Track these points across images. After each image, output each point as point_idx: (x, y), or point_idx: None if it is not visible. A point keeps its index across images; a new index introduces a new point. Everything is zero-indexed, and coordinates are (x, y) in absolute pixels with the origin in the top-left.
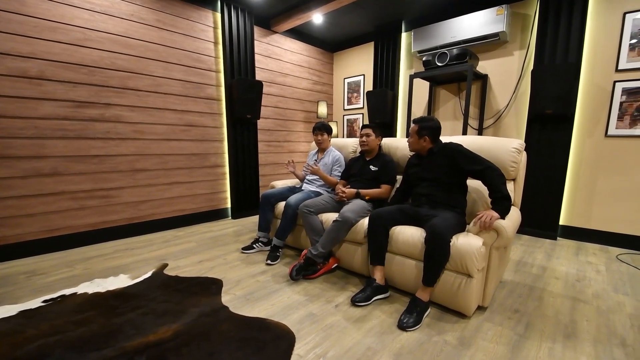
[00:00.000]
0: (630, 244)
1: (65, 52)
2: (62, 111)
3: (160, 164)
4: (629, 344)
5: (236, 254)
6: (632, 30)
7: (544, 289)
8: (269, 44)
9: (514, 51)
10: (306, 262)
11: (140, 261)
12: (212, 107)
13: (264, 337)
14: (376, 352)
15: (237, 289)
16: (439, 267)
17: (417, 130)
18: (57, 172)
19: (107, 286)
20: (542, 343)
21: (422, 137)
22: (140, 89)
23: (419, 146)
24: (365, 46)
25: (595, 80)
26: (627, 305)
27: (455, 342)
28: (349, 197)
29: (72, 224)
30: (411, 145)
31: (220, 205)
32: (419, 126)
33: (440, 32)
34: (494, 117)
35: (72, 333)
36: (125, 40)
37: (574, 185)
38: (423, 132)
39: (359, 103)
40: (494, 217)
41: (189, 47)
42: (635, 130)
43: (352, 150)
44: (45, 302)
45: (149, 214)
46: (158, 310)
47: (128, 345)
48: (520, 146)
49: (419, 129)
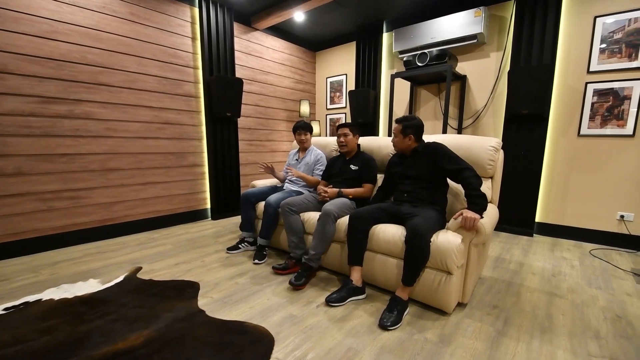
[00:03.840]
0: (602, 240)
1: (30, 45)
2: (28, 107)
3: (135, 163)
4: (603, 336)
5: (215, 256)
6: (602, 34)
7: (522, 285)
8: (249, 41)
9: (491, 53)
10: (302, 268)
11: (112, 265)
12: (190, 104)
13: (242, 341)
14: (357, 352)
15: (214, 292)
16: (418, 267)
17: (401, 129)
18: (22, 172)
19: (75, 292)
20: (520, 337)
21: (406, 135)
22: (113, 84)
23: (404, 145)
24: (347, 45)
25: (568, 81)
26: (600, 299)
27: (435, 340)
28: (331, 196)
29: (39, 226)
30: (397, 144)
31: (200, 206)
32: (403, 125)
33: (421, 32)
34: (472, 117)
35: (35, 342)
36: (96, 34)
37: (549, 183)
38: (407, 130)
39: (342, 102)
40: (476, 220)
41: (164, 42)
42: (605, 130)
43: (333, 148)
44: (6, 310)
45: (123, 215)
46: (129, 316)
47: (95, 354)
48: (497, 144)
49: (403, 127)
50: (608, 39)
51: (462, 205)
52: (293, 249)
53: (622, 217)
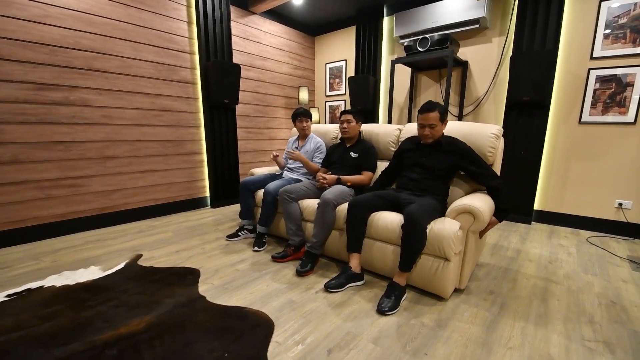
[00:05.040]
0: (600, 227)
1: (22, 30)
2: (22, 94)
3: (132, 151)
4: (597, 322)
5: (215, 243)
6: (607, 18)
7: (518, 271)
8: (247, 25)
9: (493, 38)
10: (306, 256)
11: (113, 252)
12: (186, 91)
13: (242, 326)
14: (355, 336)
15: (215, 279)
16: (415, 253)
17: (439, 117)
18: (19, 160)
19: (76, 279)
20: (516, 322)
21: (444, 121)
22: (108, 70)
23: (441, 132)
24: (347, 30)
25: (570, 67)
26: (595, 285)
27: (432, 324)
28: (330, 183)
29: (38, 214)
30: (436, 134)
31: (199, 194)
32: (439, 111)
33: (422, 16)
34: (473, 104)
35: (37, 328)
36: (90, 18)
37: (548, 171)
38: (444, 115)
39: (341, 89)
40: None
41: (160, 26)
42: (606, 117)
43: (333, 136)
44: (8, 297)
45: (122, 203)
46: (131, 302)
47: (98, 338)
48: (498, 132)
49: (440, 114)
50: (613, 23)
51: (461, 194)
52: (291, 236)
53: (621, 204)
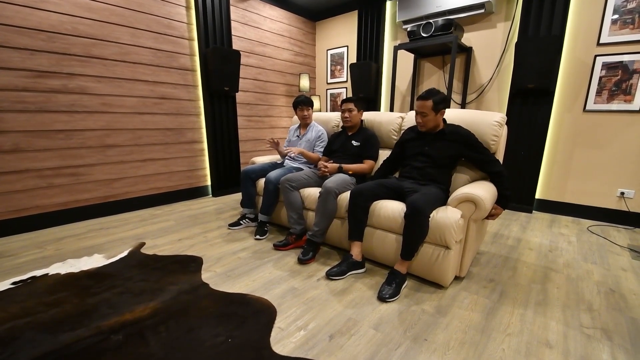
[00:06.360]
0: (601, 216)
1: (18, 15)
2: (20, 82)
3: (133, 140)
4: (595, 309)
5: (217, 232)
6: (616, 3)
7: (518, 259)
8: (246, 10)
9: (498, 23)
10: (308, 244)
11: (116, 240)
12: (186, 78)
13: (245, 312)
14: (356, 322)
15: (217, 266)
16: (417, 242)
17: (432, 106)
18: (19, 149)
19: (80, 266)
20: (515, 310)
21: (439, 112)
22: (107, 57)
23: (436, 123)
24: (348, 15)
25: (577, 54)
26: (594, 274)
27: (432, 311)
28: (331, 171)
29: (41, 203)
30: (427, 124)
31: (200, 183)
32: (434, 101)
33: (426, 1)
34: (477, 91)
35: (43, 314)
36: (87, 3)
37: (551, 160)
38: (439, 106)
39: (343, 76)
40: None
41: (158, 11)
42: (611, 105)
43: (335, 124)
44: (14, 284)
45: (123, 192)
46: (135, 289)
47: (104, 324)
48: (502, 120)
49: (434, 104)
50: (621, 8)
51: (463, 182)
52: (293, 224)
53: (623, 194)
